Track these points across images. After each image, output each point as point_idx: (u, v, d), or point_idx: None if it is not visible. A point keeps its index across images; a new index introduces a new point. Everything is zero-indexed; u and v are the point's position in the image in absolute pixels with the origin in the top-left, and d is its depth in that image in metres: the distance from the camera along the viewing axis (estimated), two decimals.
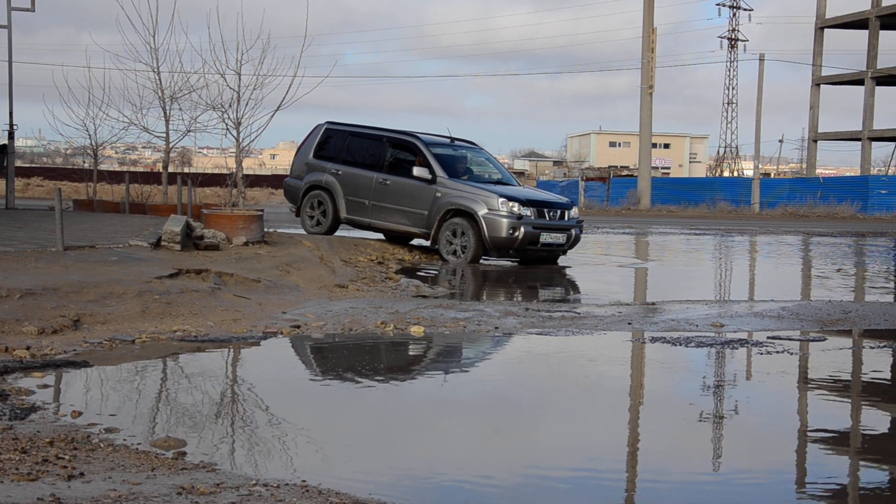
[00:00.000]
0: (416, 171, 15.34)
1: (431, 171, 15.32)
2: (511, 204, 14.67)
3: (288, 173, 18.43)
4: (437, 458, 4.74)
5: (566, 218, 15.41)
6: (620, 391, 6.52)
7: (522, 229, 14.58)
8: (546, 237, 14.93)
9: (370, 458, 4.66)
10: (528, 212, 14.78)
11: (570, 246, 15.53)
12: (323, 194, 16.65)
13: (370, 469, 4.45)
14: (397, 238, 16.68)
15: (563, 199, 16.19)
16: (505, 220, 14.56)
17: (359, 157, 16.41)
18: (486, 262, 15.29)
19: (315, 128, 17.31)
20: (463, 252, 14.85)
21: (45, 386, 5.77)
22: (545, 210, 15.09)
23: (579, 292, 12.44)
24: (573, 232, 15.37)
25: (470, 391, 6.35)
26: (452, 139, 16.69)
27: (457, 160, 16.08)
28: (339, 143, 16.73)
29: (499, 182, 16.07)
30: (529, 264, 15.26)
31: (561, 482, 4.36)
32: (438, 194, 15.18)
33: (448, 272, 13.94)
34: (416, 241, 16.64)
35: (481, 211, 14.69)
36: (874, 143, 55.50)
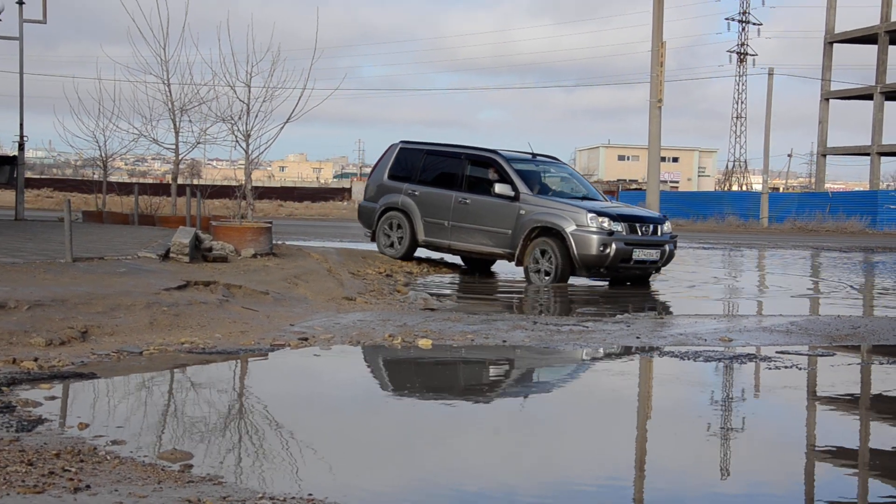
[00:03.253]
0: (498, 188, 14.55)
1: (514, 188, 14.53)
2: (601, 219, 13.83)
3: (295, 185, 18.34)
4: (445, 471, 4.73)
5: (659, 233, 14.51)
6: (628, 404, 6.50)
7: (614, 246, 13.71)
8: (639, 254, 14.02)
9: (379, 472, 4.65)
10: (619, 227, 13.94)
11: (664, 263, 14.68)
12: (399, 216, 15.88)
13: (377, 483, 4.44)
14: (475, 261, 16.11)
15: (656, 214, 15.39)
16: (595, 237, 13.69)
17: (436, 177, 15.75)
18: (573, 283, 14.40)
19: (389, 148, 16.69)
20: (549, 272, 14.00)
21: (53, 398, 5.77)
22: (637, 225, 14.22)
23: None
24: (667, 248, 14.49)
25: (481, 409, 6.34)
26: (534, 154, 15.99)
27: (539, 176, 15.40)
28: (414, 163, 16.06)
29: (585, 198, 15.21)
30: (618, 284, 14.61)
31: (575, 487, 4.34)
32: (522, 212, 14.39)
33: (532, 292, 13.45)
34: (498, 262, 15.96)
35: (569, 228, 13.84)
36: (883, 158, 55.39)
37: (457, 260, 16.86)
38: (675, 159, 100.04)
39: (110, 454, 4.56)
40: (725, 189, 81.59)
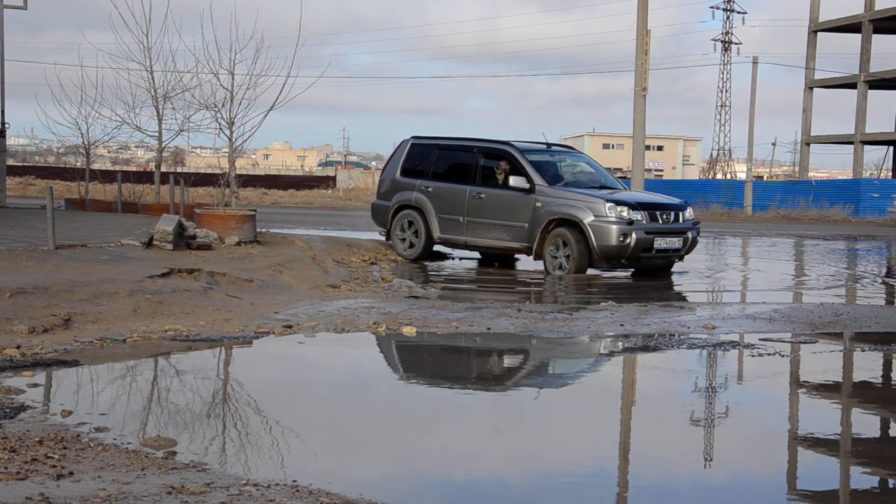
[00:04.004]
0: (513, 180, 14.15)
1: (529, 180, 14.11)
2: (620, 208, 13.41)
3: (279, 174, 18.23)
4: (428, 458, 4.74)
5: (681, 220, 14.09)
6: (612, 391, 6.53)
7: (634, 235, 13.29)
8: (660, 242, 13.60)
9: (362, 458, 4.66)
10: (638, 216, 13.51)
11: (688, 251, 14.30)
12: (413, 214, 15.47)
13: (361, 469, 4.44)
14: (494, 257, 15.66)
15: (677, 201, 14.74)
16: (615, 227, 13.27)
17: (449, 171, 15.34)
18: (592, 274, 13.93)
19: (400, 144, 16.37)
20: (566, 266, 13.59)
21: (35, 385, 5.75)
22: (658, 213, 13.80)
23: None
24: (689, 235, 14.06)
25: (464, 395, 6.35)
26: (549, 144, 15.69)
27: (555, 166, 15.01)
28: (426, 158, 15.66)
29: (602, 187, 14.81)
30: (642, 274, 14.22)
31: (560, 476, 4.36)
32: (538, 204, 13.96)
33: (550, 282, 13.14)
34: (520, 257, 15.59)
35: (587, 218, 13.40)
36: (866, 147, 55.59)
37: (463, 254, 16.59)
38: (660, 148, 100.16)
39: (94, 441, 4.55)
40: (710, 177, 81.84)
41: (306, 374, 6.88)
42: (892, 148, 57.44)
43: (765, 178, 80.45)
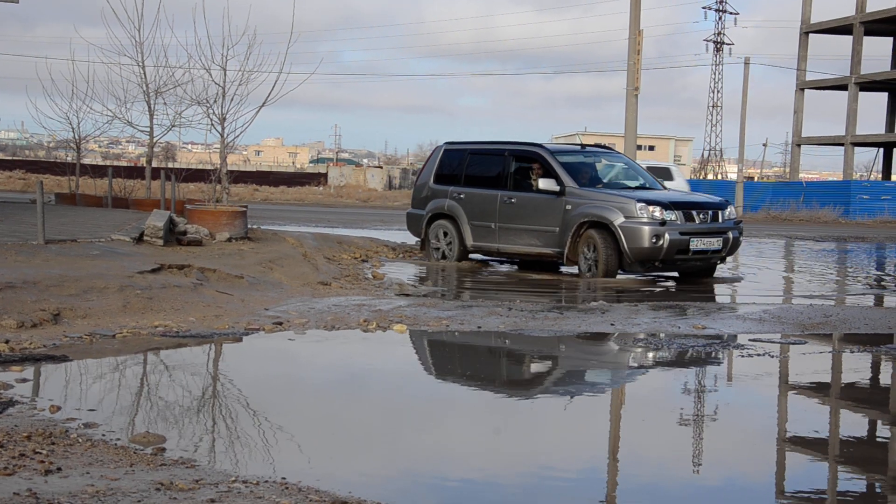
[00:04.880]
0: (542, 183, 13.56)
1: (559, 182, 13.52)
2: (652, 208, 12.77)
3: (270, 170, 18.14)
4: (418, 456, 4.74)
5: (720, 219, 13.38)
6: (601, 390, 6.54)
7: (667, 236, 12.62)
8: (697, 243, 12.89)
9: (352, 455, 4.66)
10: (672, 216, 12.85)
11: (729, 252, 13.57)
12: (446, 222, 14.98)
13: (351, 467, 4.44)
14: (526, 264, 14.84)
15: (716, 199, 14.13)
16: (646, 228, 12.62)
17: (481, 177, 14.82)
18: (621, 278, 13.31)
19: (434, 150, 15.99)
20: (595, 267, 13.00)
21: (24, 380, 5.73)
22: (693, 212, 13.12)
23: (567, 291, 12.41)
24: (730, 235, 13.30)
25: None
26: (583, 146, 15.26)
27: (588, 168, 14.39)
28: (459, 164, 15.16)
29: (640, 188, 14.21)
30: (687, 277, 13.67)
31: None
32: (568, 206, 13.35)
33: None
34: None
35: (617, 220, 12.77)
36: (857, 149, 55.77)
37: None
38: (652, 147, 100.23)
39: (82, 437, 4.53)
40: (701, 178, 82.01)
41: (296, 371, 6.88)
42: (882, 150, 57.64)
43: (756, 179, 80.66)
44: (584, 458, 4.83)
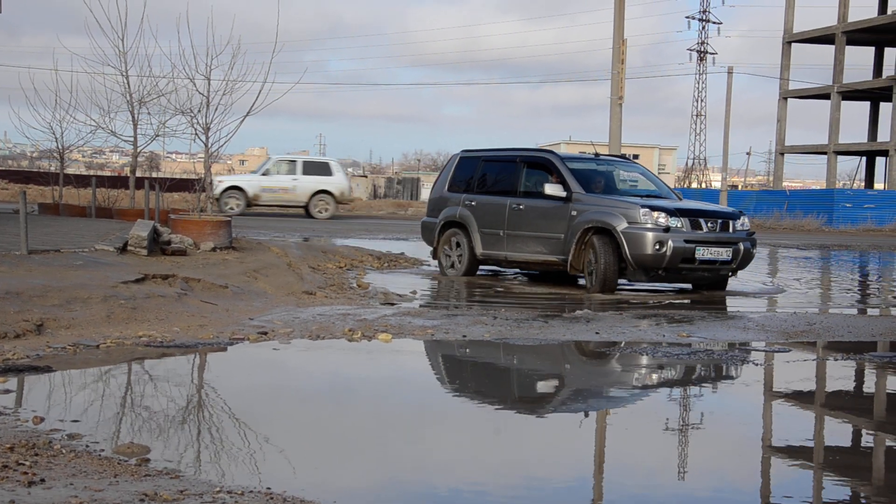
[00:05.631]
0: (548, 188, 13.19)
1: (566, 188, 13.16)
2: (656, 214, 12.37)
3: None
4: (404, 465, 4.74)
5: (730, 229, 12.90)
6: (578, 397, 6.55)
7: (671, 244, 12.18)
8: (704, 252, 12.42)
9: (337, 465, 4.65)
10: (677, 223, 12.41)
11: (740, 264, 13.02)
12: (458, 230, 14.62)
13: (336, 477, 4.44)
14: (544, 276, 14.49)
15: (728, 209, 13.77)
16: (649, 234, 12.20)
17: (492, 184, 14.56)
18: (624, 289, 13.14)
19: (450, 158, 15.68)
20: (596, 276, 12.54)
21: (7, 391, 5.70)
22: (701, 220, 12.67)
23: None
24: (741, 246, 12.77)
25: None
26: (597, 154, 14.86)
27: (598, 175, 14.01)
28: (472, 172, 14.87)
29: (651, 196, 13.78)
30: (700, 289, 13.30)
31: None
32: (574, 213, 12.94)
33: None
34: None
35: (620, 226, 12.34)
36: (840, 157, 56.16)
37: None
38: (636, 156, 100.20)
39: (66, 448, 4.51)
40: (685, 186, 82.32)
41: (281, 380, 6.86)
42: (864, 158, 58.03)
43: (739, 188, 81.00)
44: (574, 468, 4.84)
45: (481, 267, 14.89)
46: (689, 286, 13.50)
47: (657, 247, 12.20)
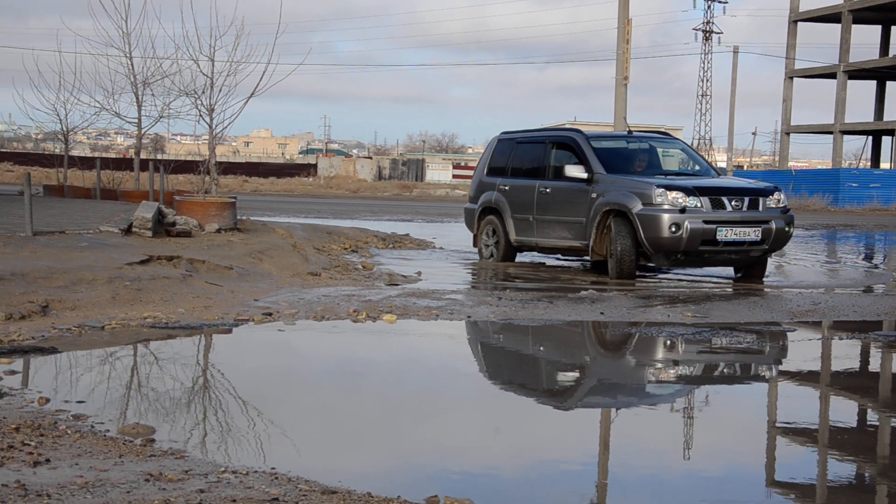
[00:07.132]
0: (569, 170, 12.52)
1: (588, 168, 12.41)
2: (672, 194, 11.43)
3: (260, 161, 18.03)
4: (408, 446, 4.74)
5: (759, 207, 11.79)
6: (588, 374, 6.56)
7: (688, 225, 11.25)
8: (727, 233, 11.42)
9: (341, 446, 4.65)
10: (696, 202, 11.46)
11: (773, 245, 11.88)
12: (493, 217, 14.05)
13: (340, 457, 4.44)
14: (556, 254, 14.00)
15: (760, 185, 12.57)
16: (665, 216, 11.32)
17: (524, 167, 13.90)
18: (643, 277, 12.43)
19: (490, 142, 15.07)
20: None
21: (13, 372, 5.71)
22: (724, 199, 11.64)
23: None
24: (773, 225, 11.68)
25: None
26: (630, 131, 14.17)
27: (627, 154, 13.26)
28: (508, 155, 14.24)
29: (680, 174, 12.97)
30: (751, 277, 12.24)
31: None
32: (594, 195, 12.20)
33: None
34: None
35: (635, 207, 11.51)
36: (846, 137, 55.93)
37: None
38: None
39: (71, 428, 4.52)
40: None
41: (286, 361, 6.87)
42: (871, 138, 57.80)
43: (745, 168, 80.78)
44: (583, 451, 4.84)
45: (525, 253, 14.52)
46: (732, 274, 12.67)
47: (673, 229, 11.31)
